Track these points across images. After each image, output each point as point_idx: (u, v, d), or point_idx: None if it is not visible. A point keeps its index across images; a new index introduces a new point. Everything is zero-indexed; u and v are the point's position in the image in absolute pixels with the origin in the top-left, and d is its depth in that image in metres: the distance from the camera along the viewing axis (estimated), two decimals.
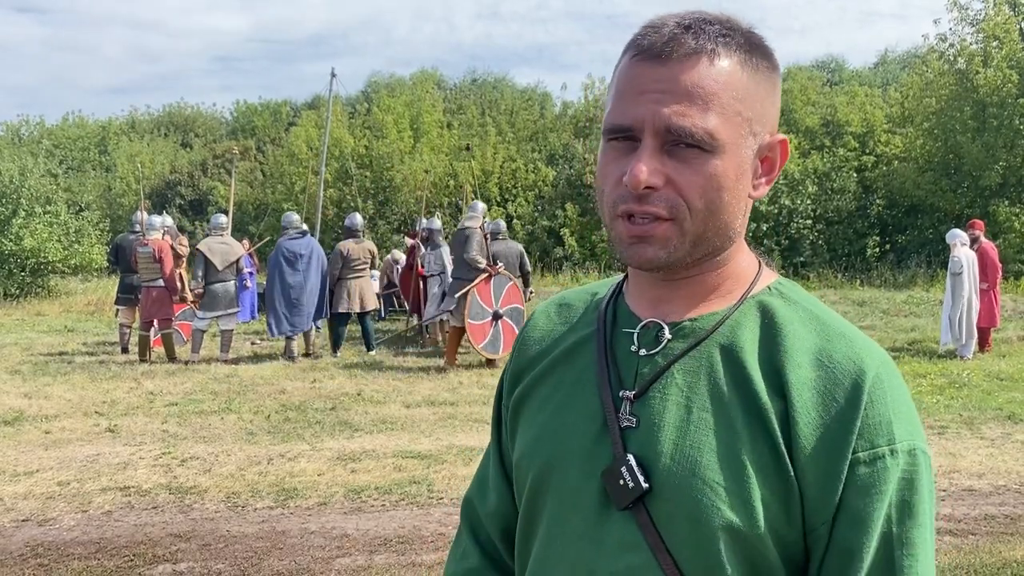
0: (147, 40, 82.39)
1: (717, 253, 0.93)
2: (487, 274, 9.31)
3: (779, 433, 0.86)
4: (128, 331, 10.72)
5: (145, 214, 11.03)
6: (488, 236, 9.69)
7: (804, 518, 0.86)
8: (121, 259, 10.94)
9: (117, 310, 11.22)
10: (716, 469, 0.86)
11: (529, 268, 10.45)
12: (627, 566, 0.89)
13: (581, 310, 1.07)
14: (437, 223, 11.36)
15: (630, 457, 0.89)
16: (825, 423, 0.85)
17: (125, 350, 10.55)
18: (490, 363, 9.50)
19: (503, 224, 10.69)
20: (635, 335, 0.96)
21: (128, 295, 10.73)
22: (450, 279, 10.07)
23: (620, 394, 0.93)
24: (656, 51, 0.87)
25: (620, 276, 1.07)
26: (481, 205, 10.03)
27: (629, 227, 0.89)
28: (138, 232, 10.72)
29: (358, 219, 10.78)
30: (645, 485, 0.87)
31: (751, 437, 0.86)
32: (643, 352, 0.95)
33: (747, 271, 0.97)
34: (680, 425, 0.89)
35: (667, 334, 0.94)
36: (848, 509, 0.84)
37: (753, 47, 0.91)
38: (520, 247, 10.40)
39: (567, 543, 0.94)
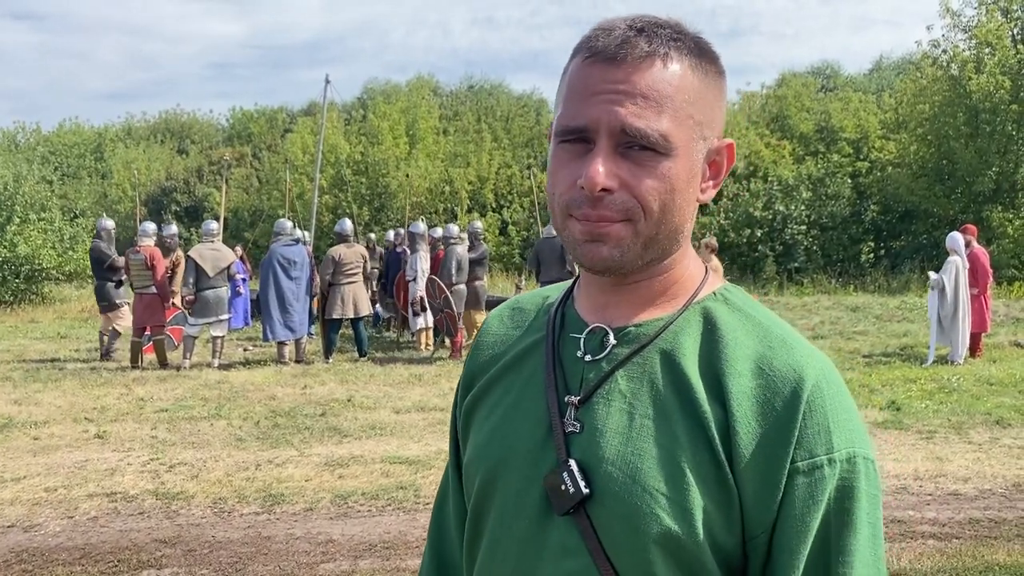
0: (143, 46, 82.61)
1: (665, 257, 0.93)
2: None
3: (719, 441, 0.85)
4: (106, 337, 10.65)
5: (152, 223, 11.08)
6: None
7: (743, 526, 0.86)
8: (96, 266, 10.84)
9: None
10: (656, 476, 0.86)
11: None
12: (567, 572, 0.88)
13: (533, 314, 1.07)
14: (421, 227, 11.38)
15: (572, 462, 0.89)
16: (764, 432, 0.85)
17: (104, 356, 10.48)
18: None
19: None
20: (581, 340, 0.96)
21: (103, 302, 10.67)
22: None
23: (566, 399, 0.93)
24: (610, 53, 0.87)
25: (571, 281, 1.07)
26: None
27: (584, 225, 0.88)
28: (103, 239, 10.71)
29: (348, 224, 10.86)
30: (585, 490, 0.87)
31: (691, 445, 0.86)
32: (588, 357, 0.94)
33: (693, 276, 0.97)
34: (622, 431, 0.89)
35: (612, 339, 0.94)
36: (787, 518, 0.84)
37: (702, 52, 0.91)
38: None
39: (510, 547, 0.93)
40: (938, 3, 20.27)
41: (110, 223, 11.09)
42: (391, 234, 13.55)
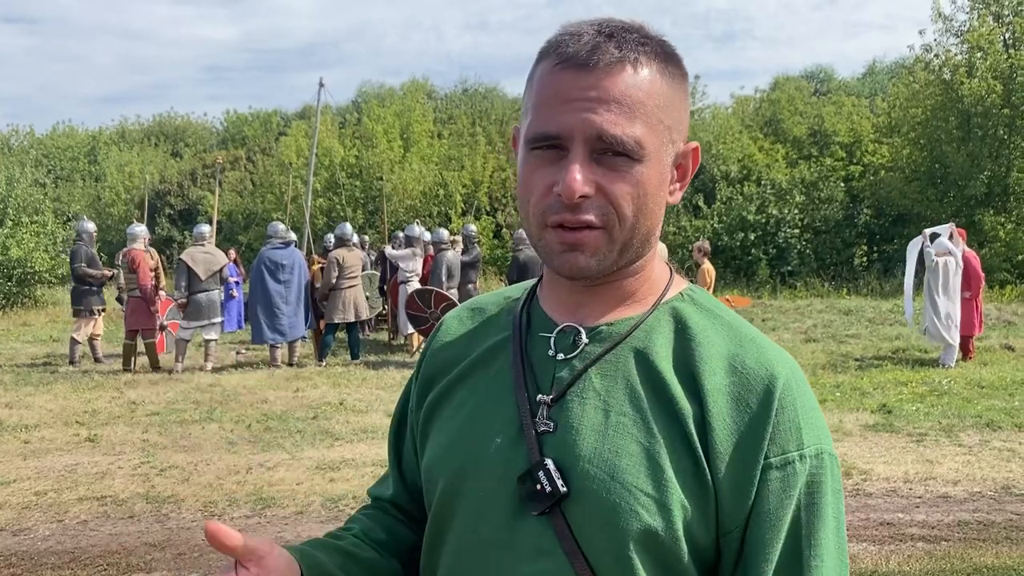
0: (138, 50, 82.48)
1: (638, 259, 0.94)
2: None
3: (696, 438, 0.87)
4: (79, 343, 10.44)
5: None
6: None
7: (718, 522, 0.87)
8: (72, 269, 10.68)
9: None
10: (636, 473, 0.86)
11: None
12: (541, 571, 0.88)
13: (495, 314, 1.06)
14: (416, 230, 11.41)
15: (548, 461, 0.88)
16: (739, 429, 0.87)
17: (72, 361, 10.33)
18: None
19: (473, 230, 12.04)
20: (552, 339, 0.96)
21: (75, 305, 10.54)
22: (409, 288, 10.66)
23: (537, 399, 0.93)
24: (581, 59, 0.87)
25: (534, 280, 1.06)
26: None
27: (562, 234, 0.89)
28: (84, 242, 10.63)
29: (348, 228, 10.90)
30: (563, 489, 0.87)
31: (669, 441, 0.87)
32: (560, 356, 0.94)
33: (660, 277, 0.99)
34: (599, 429, 0.89)
35: (584, 338, 0.94)
36: (761, 512, 0.86)
37: (668, 56, 0.91)
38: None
39: (479, 551, 0.92)
40: (930, 8, 20.38)
41: (91, 226, 10.91)
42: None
